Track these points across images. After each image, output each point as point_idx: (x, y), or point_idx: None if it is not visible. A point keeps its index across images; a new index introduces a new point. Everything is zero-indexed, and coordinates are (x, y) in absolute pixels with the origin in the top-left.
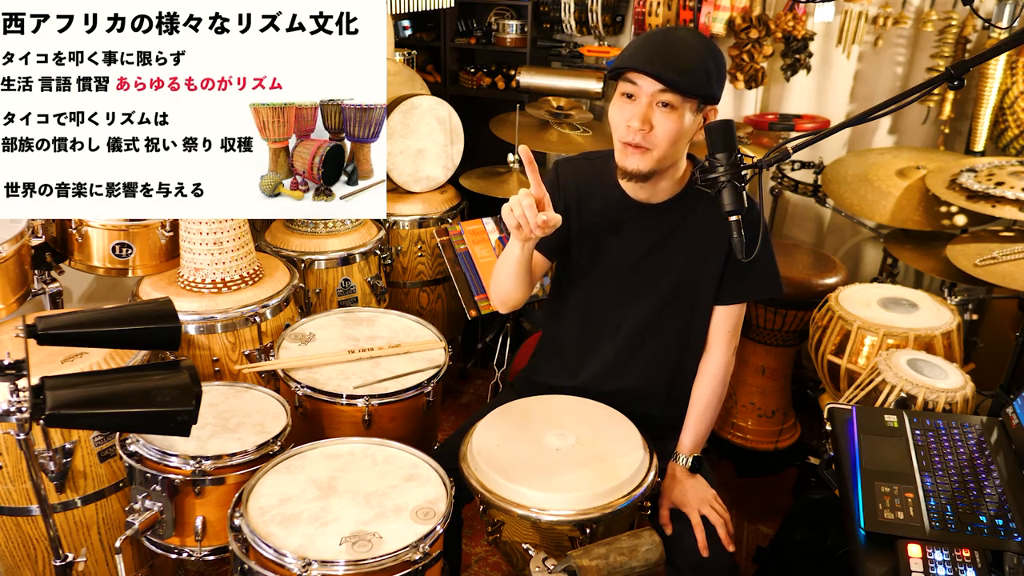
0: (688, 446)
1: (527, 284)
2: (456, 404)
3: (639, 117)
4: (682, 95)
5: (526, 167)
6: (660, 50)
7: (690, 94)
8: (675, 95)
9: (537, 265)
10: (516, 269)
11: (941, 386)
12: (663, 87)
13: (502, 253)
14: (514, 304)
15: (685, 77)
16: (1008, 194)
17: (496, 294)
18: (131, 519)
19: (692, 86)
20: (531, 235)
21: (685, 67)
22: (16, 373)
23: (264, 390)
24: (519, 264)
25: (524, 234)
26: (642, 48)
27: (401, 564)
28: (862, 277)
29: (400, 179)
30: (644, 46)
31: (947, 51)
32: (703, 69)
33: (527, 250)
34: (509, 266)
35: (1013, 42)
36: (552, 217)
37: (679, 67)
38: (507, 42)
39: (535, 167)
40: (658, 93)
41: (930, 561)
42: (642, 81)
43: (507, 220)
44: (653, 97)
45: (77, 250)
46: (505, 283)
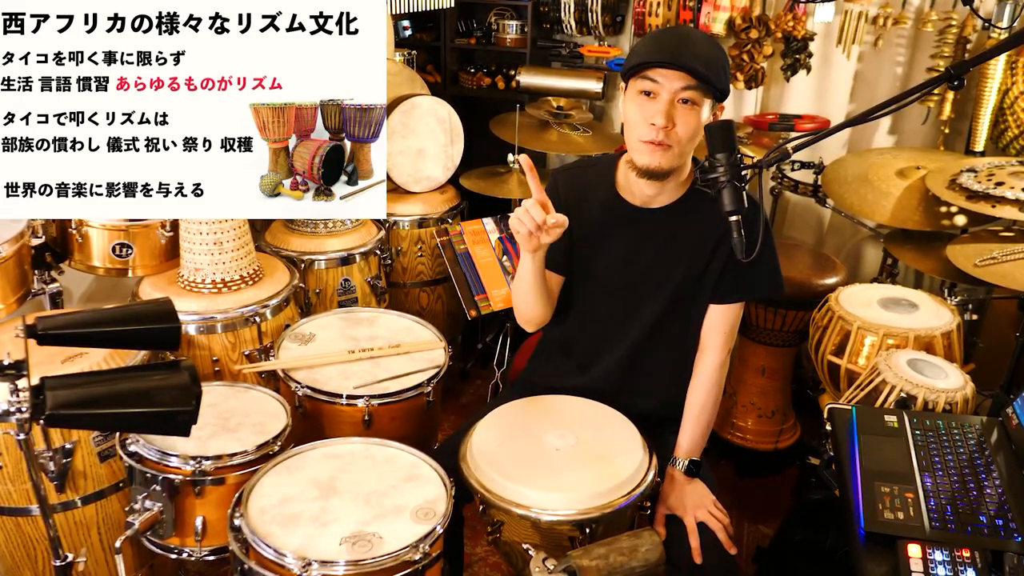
0: (685, 449)
1: (546, 299)
2: (456, 404)
3: (663, 114)
4: (704, 89)
5: (527, 175)
6: (680, 45)
7: (712, 87)
8: (696, 91)
9: (552, 281)
10: (532, 282)
11: (941, 386)
12: (686, 83)
13: (516, 273)
14: (540, 321)
15: (708, 68)
16: (1008, 194)
17: (520, 315)
18: (131, 519)
19: (715, 78)
20: (540, 241)
21: (707, 58)
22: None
23: (264, 390)
24: (534, 276)
25: (533, 243)
26: (661, 43)
27: (401, 564)
28: (862, 277)
29: (400, 179)
30: (662, 41)
31: (947, 51)
32: (720, 63)
33: (538, 261)
34: (525, 282)
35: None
36: (559, 217)
37: (702, 58)
38: (507, 42)
39: (536, 174)
40: (680, 90)
41: (930, 561)
42: (663, 78)
43: (515, 229)
44: (675, 94)
45: (77, 250)
46: (525, 301)
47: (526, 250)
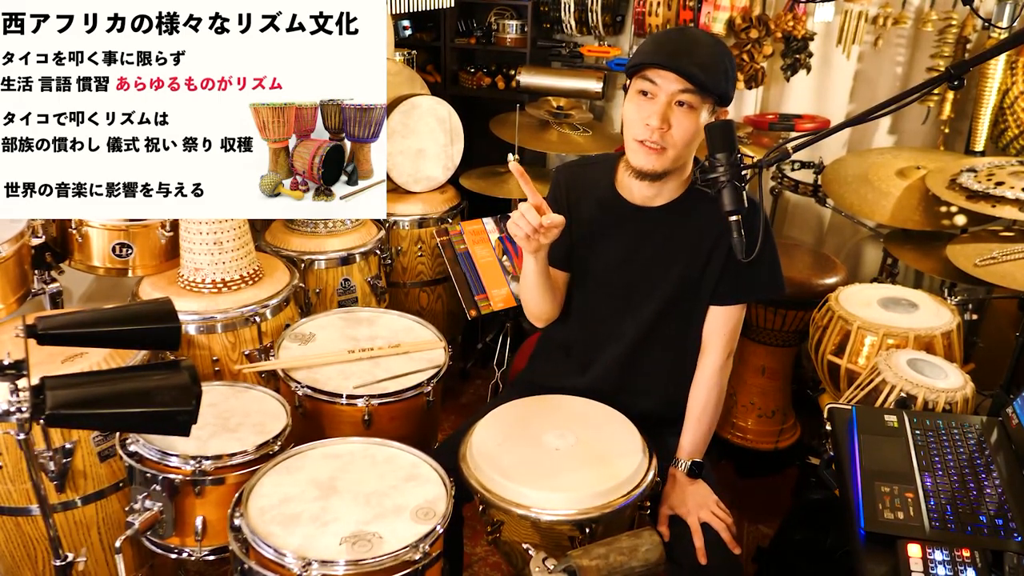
0: (687, 450)
1: (553, 296)
2: (456, 404)
3: (658, 116)
4: (702, 94)
5: (519, 180)
6: (681, 47)
7: (710, 92)
8: (694, 95)
9: (557, 278)
10: (537, 282)
11: (941, 386)
12: (683, 87)
13: (521, 274)
14: (549, 317)
15: (706, 74)
16: (1008, 194)
17: (529, 312)
18: (131, 519)
19: (713, 84)
20: (539, 242)
21: (706, 64)
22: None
23: (264, 390)
24: (538, 277)
25: (533, 245)
26: (663, 45)
27: (401, 564)
28: (862, 277)
29: (400, 179)
30: (664, 43)
31: (947, 51)
32: (722, 68)
33: (540, 262)
34: (530, 281)
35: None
36: (555, 218)
37: (701, 64)
38: (507, 42)
39: (527, 178)
40: (678, 93)
41: (930, 561)
42: (661, 80)
43: (514, 232)
44: (672, 96)
45: (77, 250)
46: (532, 299)
47: (527, 252)
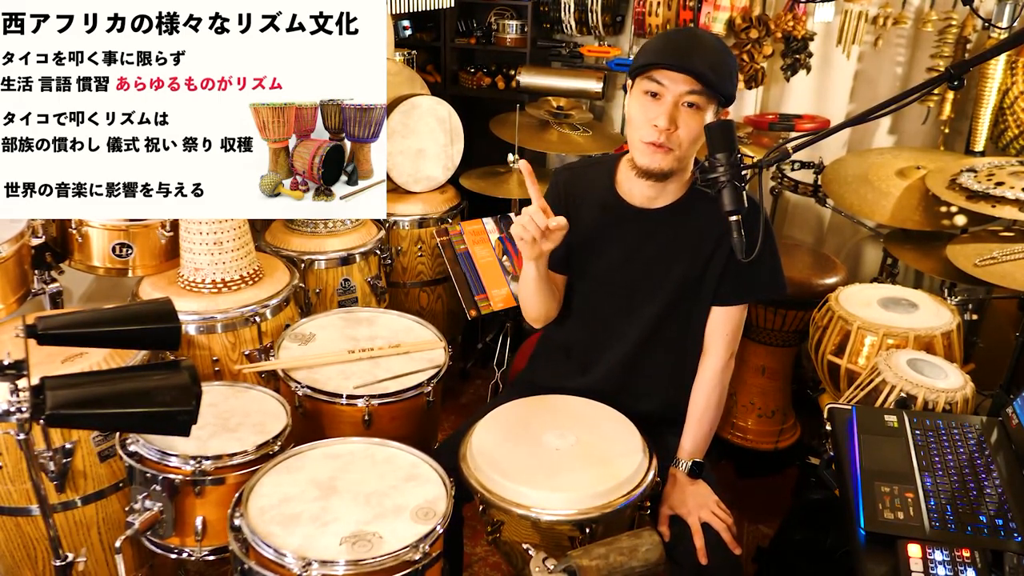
0: (688, 451)
1: (552, 298)
2: (456, 404)
3: (666, 116)
4: (709, 95)
5: (526, 180)
6: (689, 48)
7: (717, 93)
8: (701, 96)
9: (555, 280)
10: (536, 287)
11: (941, 386)
12: (691, 88)
13: (520, 278)
14: (547, 318)
15: (715, 74)
16: (1008, 194)
17: (528, 314)
18: (131, 519)
19: (721, 84)
20: (541, 249)
21: (714, 64)
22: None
23: (264, 390)
24: (538, 282)
25: (536, 251)
26: (669, 45)
27: (401, 564)
28: (862, 277)
29: (400, 179)
30: (671, 43)
31: (947, 51)
32: (728, 69)
33: (541, 268)
34: (530, 287)
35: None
36: (560, 220)
37: (710, 64)
38: (507, 42)
39: (535, 179)
40: (685, 94)
41: (930, 561)
42: (669, 80)
43: (519, 236)
44: (679, 97)
45: (77, 250)
46: (531, 302)
47: (528, 258)
